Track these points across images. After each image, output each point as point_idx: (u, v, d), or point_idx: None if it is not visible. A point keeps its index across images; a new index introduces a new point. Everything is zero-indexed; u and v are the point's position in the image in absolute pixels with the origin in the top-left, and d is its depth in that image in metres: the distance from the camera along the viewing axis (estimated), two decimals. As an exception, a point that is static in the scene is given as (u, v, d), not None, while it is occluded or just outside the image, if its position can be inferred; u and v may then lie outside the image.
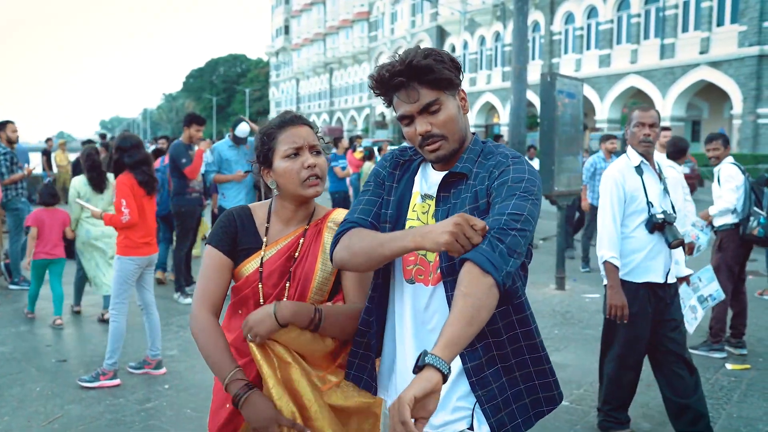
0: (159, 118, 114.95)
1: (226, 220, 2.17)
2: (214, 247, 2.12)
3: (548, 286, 8.50)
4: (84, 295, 7.34)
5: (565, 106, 8.16)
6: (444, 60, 1.86)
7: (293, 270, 2.09)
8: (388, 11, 55.63)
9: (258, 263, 2.10)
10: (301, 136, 2.10)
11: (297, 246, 2.11)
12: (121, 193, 5.09)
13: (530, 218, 1.72)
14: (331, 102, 67.12)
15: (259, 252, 2.11)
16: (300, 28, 74.04)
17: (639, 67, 32.47)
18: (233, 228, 2.14)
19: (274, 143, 2.11)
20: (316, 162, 2.09)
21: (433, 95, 1.85)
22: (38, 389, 4.93)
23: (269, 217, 2.18)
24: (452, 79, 1.87)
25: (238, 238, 2.13)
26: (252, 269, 2.10)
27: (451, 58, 1.89)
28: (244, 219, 2.17)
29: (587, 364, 5.56)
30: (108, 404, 4.65)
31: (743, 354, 5.82)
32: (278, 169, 2.10)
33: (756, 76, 26.92)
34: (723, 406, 4.70)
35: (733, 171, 5.94)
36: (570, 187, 8.40)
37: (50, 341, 6.15)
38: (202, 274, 2.12)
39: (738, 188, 5.87)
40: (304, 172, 2.07)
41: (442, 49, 1.90)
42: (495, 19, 42.02)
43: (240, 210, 2.20)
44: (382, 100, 1.93)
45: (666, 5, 31.07)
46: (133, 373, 5.27)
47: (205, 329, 2.05)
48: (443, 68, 1.84)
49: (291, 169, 2.07)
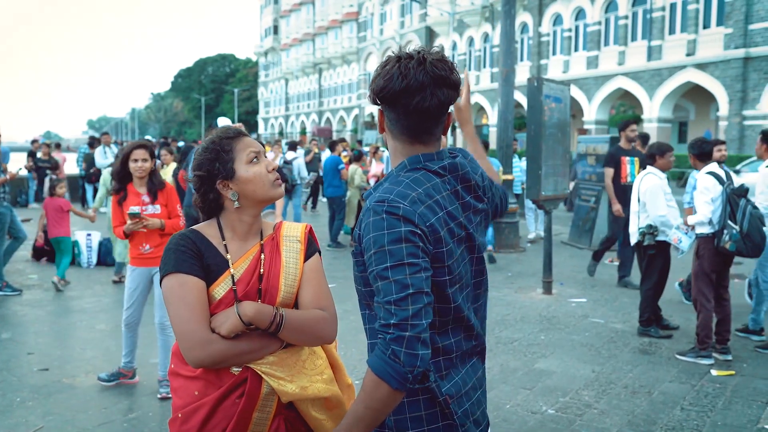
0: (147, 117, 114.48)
1: (185, 242, 2.02)
2: (187, 273, 1.96)
3: (535, 290, 8.50)
4: (70, 301, 7.27)
5: (552, 110, 8.17)
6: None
7: (262, 288, 2.06)
8: (377, 12, 55.59)
9: (230, 283, 2.01)
10: (253, 144, 2.15)
11: (259, 260, 2.09)
12: (177, 199, 5.12)
13: (403, 291, 1.65)
14: (320, 102, 67.01)
15: (228, 271, 2.03)
16: (289, 28, 73.88)
17: (626, 68, 32.59)
18: (196, 250, 2.02)
19: (232, 154, 2.09)
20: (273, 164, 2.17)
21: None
22: (19, 399, 4.87)
23: (223, 235, 2.10)
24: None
25: (205, 260, 2.01)
26: (224, 290, 2.00)
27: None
28: (201, 239, 2.06)
29: (573, 371, 5.56)
30: (91, 414, 4.60)
31: (728, 360, 5.83)
32: (245, 175, 2.07)
33: (742, 78, 27.10)
34: (708, 413, 4.71)
35: (710, 182, 5.89)
36: (557, 191, 8.40)
37: (32, 349, 6.07)
38: (189, 306, 1.93)
39: (714, 200, 5.86)
40: (271, 174, 2.12)
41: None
42: (484, 20, 42.08)
43: (190, 232, 2.08)
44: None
45: (653, 7, 31.21)
46: (104, 384, 5.16)
47: (226, 344, 1.95)
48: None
49: (260, 172, 2.09)
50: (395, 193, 1.75)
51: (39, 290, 8.41)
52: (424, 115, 1.81)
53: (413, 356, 1.60)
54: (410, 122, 1.83)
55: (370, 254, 1.71)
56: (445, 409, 1.80)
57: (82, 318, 7.10)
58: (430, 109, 1.79)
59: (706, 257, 5.95)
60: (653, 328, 6.57)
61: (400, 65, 1.78)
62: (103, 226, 13.87)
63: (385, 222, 1.70)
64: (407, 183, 1.79)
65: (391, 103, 1.83)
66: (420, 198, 1.75)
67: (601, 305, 7.81)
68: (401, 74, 1.77)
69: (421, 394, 1.79)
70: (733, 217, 5.68)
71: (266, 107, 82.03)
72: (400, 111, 1.83)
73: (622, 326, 6.92)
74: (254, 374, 1.98)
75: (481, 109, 44.12)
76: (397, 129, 1.88)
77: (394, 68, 1.79)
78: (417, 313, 1.62)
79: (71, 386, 5.14)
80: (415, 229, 1.69)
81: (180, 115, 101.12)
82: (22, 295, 8.10)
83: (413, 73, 1.76)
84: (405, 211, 1.70)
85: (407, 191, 1.76)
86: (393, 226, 1.69)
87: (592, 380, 5.36)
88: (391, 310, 1.63)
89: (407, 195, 1.74)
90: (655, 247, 6.50)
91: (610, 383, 5.30)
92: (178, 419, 2.00)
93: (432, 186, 1.81)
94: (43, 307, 7.57)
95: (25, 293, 8.19)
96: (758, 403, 4.90)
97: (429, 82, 1.76)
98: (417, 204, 1.73)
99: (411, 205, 1.72)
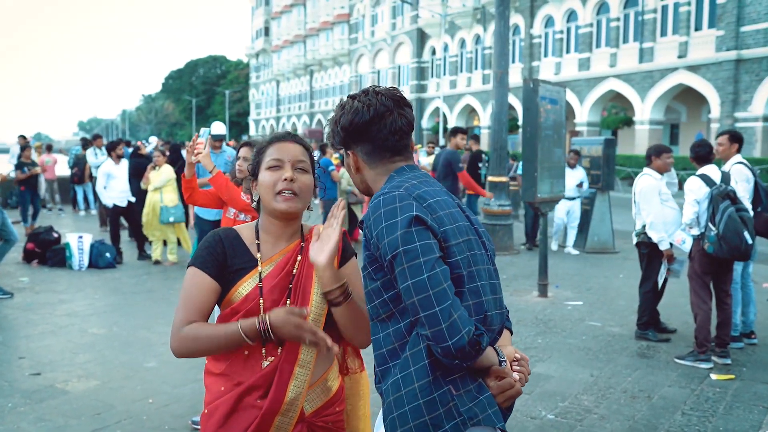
0: (138, 119, 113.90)
1: (211, 241, 2.10)
2: (199, 268, 2.05)
3: (531, 293, 8.46)
4: (61, 304, 7.17)
5: (548, 112, 8.12)
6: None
7: (293, 286, 2.07)
8: (369, 13, 55.51)
9: (257, 280, 2.05)
10: (286, 151, 2.12)
11: (294, 262, 2.10)
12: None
13: (431, 291, 1.70)
14: (312, 104, 66.86)
15: (256, 269, 2.07)
16: (280, 29, 73.70)
17: (618, 70, 32.64)
18: (220, 250, 2.08)
19: (263, 156, 2.14)
20: (296, 178, 2.09)
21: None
22: (10, 405, 4.78)
23: (258, 235, 2.14)
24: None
25: (228, 260, 2.08)
26: (250, 287, 2.05)
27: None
28: (232, 240, 2.12)
29: (571, 375, 5.51)
30: (84, 420, 4.52)
31: (727, 364, 5.80)
32: (260, 180, 2.12)
33: (733, 80, 27.16)
34: (709, 419, 4.67)
35: (695, 185, 5.90)
36: (553, 193, 8.36)
37: (24, 353, 5.98)
38: (184, 295, 2.04)
39: (698, 202, 5.85)
40: (280, 185, 2.07)
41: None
42: (475, 22, 42.10)
43: (226, 231, 2.16)
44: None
45: (645, 9, 31.28)
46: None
47: (188, 330, 1.98)
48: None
49: (268, 180, 2.09)
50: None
51: (30, 293, 8.30)
52: (398, 133, 1.93)
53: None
54: (388, 144, 1.94)
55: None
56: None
57: (74, 321, 7.01)
58: (402, 128, 1.93)
59: (697, 259, 5.95)
60: (651, 332, 6.54)
61: (359, 100, 1.92)
62: (94, 228, 13.80)
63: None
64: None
65: (363, 134, 1.93)
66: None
67: (597, 308, 7.77)
68: (365, 105, 1.91)
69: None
70: (713, 219, 5.67)
71: (257, 109, 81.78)
72: (374, 137, 1.93)
73: (619, 330, 6.88)
74: (281, 378, 2.00)
75: (472, 110, 44.13)
76: (376, 155, 1.97)
77: (356, 103, 1.92)
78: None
79: (64, 391, 5.05)
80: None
81: (171, 116, 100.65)
82: (12, 297, 7.99)
83: (375, 101, 1.90)
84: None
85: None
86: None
87: (591, 384, 5.32)
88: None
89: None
90: (649, 247, 6.50)
91: (609, 388, 5.25)
92: (205, 415, 2.07)
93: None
94: (35, 310, 7.47)
95: (15, 296, 8.08)
96: (759, 408, 4.86)
97: (392, 105, 1.91)
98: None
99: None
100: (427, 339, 1.69)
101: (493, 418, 1.76)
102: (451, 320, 1.65)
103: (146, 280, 9.29)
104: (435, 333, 1.65)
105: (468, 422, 1.73)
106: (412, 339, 1.77)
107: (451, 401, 1.73)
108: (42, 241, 10.29)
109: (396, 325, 1.80)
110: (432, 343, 1.68)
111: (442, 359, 1.69)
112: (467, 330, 1.66)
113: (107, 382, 5.26)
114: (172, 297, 8.19)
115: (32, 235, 10.45)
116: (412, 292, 1.68)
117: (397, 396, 1.76)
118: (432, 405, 1.72)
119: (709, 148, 6.14)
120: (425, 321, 1.67)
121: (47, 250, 10.21)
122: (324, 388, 2.10)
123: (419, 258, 1.69)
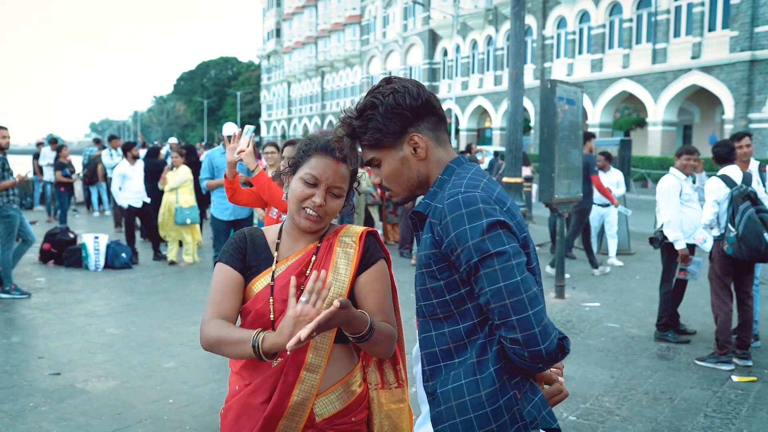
0: (149, 120, 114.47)
1: (237, 238, 2.14)
2: (225, 263, 2.07)
3: (547, 294, 8.41)
4: (78, 305, 7.18)
5: (565, 112, 8.08)
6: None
7: (305, 287, 1.96)
8: (380, 15, 55.53)
9: (269, 279, 2.03)
10: (327, 171, 2.04)
11: (309, 262, 2.06)
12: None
13: (524, 294, 1.63)
14: (323, 105, 66.92)
15: (270, 268, 2.06)
16: (291, 31, 73.82)
17: (631, 71, 32.48)
18: (243, 246, 2.11)
19: (305, 159, 2.08)
20: (326, 203, 2.04)
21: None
22: (31, 404, 4.79)
23: (280, 234, 2.14)
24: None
25: (248, 257, 2.09)
26: (262, 286, 2.03)
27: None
28: (255, 238, 2.13)
29: (591, 376, 5.48)
30: (105, 420, 4.52)
31: (748, 365, 5.75)
32: (292, 184, 2.09)
33: (747, 81, 26.98)
34: (732, 421, 4.62)
35: (715, 185, 5.86)
36: (570, 194, 8.32)
37: (42, 353, 6.00)
38: (212, 290, 2.05)
39: (718, 203, 5.81)
40: (307, 203, 2.03)
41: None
42: (487, 23, 42.01)
43: (252, 230, 2.19)
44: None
45: (658, 10, 31.12)
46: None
47: (210, 329, 1.94)
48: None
49: (299, 193, 2.05)
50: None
51: (47, 293, 8.34)
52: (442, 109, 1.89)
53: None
54: (444, 116, 1.88)
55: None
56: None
57: (91, 321, 7.03)
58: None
59: (716, 260, 5.91)
60: (671, 333, 6.49)
61: (400, 83, 1.82)
62: (108, 229, 13.86)
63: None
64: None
65: (429, 107, 1.83)
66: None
67: (615, 309, 7.72)
68: (413, 83, 1.82)
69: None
70: (733, 219, 5.63)
71: (268, 110, 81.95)
72: (438, 110, 1.85)
73: (637, 331, 6.84)
74: (285, 380, 1.95)
75: (484, 112, 44.04)
76: (440, 129, 1.88)
77: (405, 84, 1.81)
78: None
79: (84, 391, 5.06)
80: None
81: (182, 118, 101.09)
82: (30, 298, 8.03)
83: (411, 80, 1.85)
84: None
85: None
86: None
87: (612, 386, 5.28)
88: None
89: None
90: (665, 247, 6.47)
91: (630, 389, 5.21)
92: (221, 414, 2.08)
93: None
94: (52, 310, 7.50)
95: (33, 296, 8.12)
96: (783, 410, 4.81)
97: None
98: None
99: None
100: (513, 343, 1.62)
101: (548, 419, 1.75)
102: (544, 324, 1.61)
103: (162, 280, 9.31)
104: (527, 337, 1.59)
105: (529, 426, 1.71)
106: (478, 347, 1.71)
107: (515, 406, 1.71)
108: (58, 241, 10.34)
109: (454, 326, 1.74)
110: (516, 347, 1.61)
111: (524, 363, 1.63)
112: (555, 334, 1.63)
113: (126, 382, 5.26)
114: (187, 297, 8.21)
115: (48, 236, 10.49)
116: (504, 295, 1.61)
117: (460, 403, 1.70)
118: (499, 412, 1.68)
119: (729, 147, 6.09)
120: (517, 324, 1.60)
121: (63, 250, 10.26)
122: (343, 392, 2.03)
123: (511, 260, 1.63)
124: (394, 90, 1.79)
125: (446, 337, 1.75)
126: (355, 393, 2.06)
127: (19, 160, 22.42)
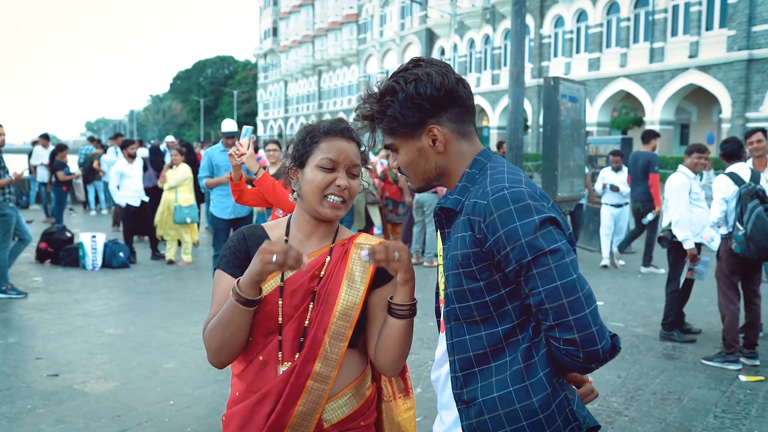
0: (145, 119, 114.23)
1: (236, 240, 1.99)
2: (223, 270, 1.95)
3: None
4: (76, 304, 7.11)
5: (568, 110, 8.01)
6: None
7: (318, 290, 1.90)
8: (377, 14, 55.48)
9: (278, 281, 1.89)
10: (344, 152, 1.94)
11: (322, 265, 1.93)
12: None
13: (581, 293, 1.55)
14: (320, 104, 66.86)
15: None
16: (288, 30, 73.74)
17: (628, 70, 32.50)
18: (244, 249, 1.96)
19: (314, 147, 1.95)
20: (348, 185, 1.93)
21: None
22: (29, 406, 4.70)
23: (288, 230, 2.01)
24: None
25: (251, 258, 1.93)
26: (272, 288, 1.88)
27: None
28: (257, 238, 1.97)
29: (598, 376, 5.40)
30: (104, 422, 4.44)
31: (756, 365, 5.69)
32: (307, 175, 1.94)
33: (745, 81, 27.00)
34: (742, 421, 4.56)
35: (723, 183, 5.79)
36: (573, 192, 8.24)
37: (40, 354, 5.90)
38: (213, 300, 1.94)
39: (726, 201, 5.74)
40: (331, 189, 1.91)
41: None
42: (484, 22, 41.99)
43: (251, 229, 2.03)
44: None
45: (655, 9, 31.13)
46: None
47: (208, 328, 1.87)
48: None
49: (319, 181, 1.91)
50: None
51: (44, 293, 8.24)
52: (472, 96, 1.78)
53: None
54: (471, 106, 1.77)
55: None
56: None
57: (89, 322, 6.94)
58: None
59: (724, 259, 5.85)
60: (676, 332, 6.43)
61: (425, 68, 1.70)
62: (105, 228, 13.75)
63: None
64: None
65: (453, 97, 1.71)
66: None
67: (619, 309, 7.66)
68: (441, 67, 1.71)
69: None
70: (741, 218, 5.56)
71: (265, 109, 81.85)
72: (463, 99, 1.73)
73: (642, 330, 6.77)
74: (291, 390, 1.85)
75: (481, 111, 44.02)
76: (465, 120, 1.76)
77: (427, 70, 1.69)
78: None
79: (83, 392, 4.97)
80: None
81: (179, 117, 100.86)
82: (27, 297, 7.93)
83: (439, 64, 1.74)
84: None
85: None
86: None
87: (619, 386, 5.21)
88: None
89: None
90: (674, 245, 6.41)
91: (637, 389, 5.15)
92: (223, 420, 1.97)
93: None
94: (49, 310, 7.40)
95: (30, 296, 8.02)
96: (793, 410, 4.75)
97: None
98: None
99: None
100: (568, 344, 1.53)
101: (593, 417, 1.70)
102: (600, 323, 1.54)
103: (160, 280, 9.22)
104: (584, 337, 1.51)
105: (582, 425, 1.64)
106: (522, 351, 1.62)
107: (567, 407, 1.63)
108: (55, 240, 10.24)
109: (492, 329, 1.65)
110: (571, 348, 1.53)
111: (576, 363, 1.55)
112: (608, 333, 1.57)
113: (126, 384, 5.17)
114: (187, 297, 8.12)
115: (45, 235, 10.39)
116: (561, 294, 1.52)
117: (510, 411, 1.61)
118: (552, 417, 1.60)
119: (738, 144, 6.03)
120: (574, 324, 1.51)
121: (60, 249, 10.16)
122: (353, 396, 1.94)
123: (565, 258, 1.54)
124: (417, 78, 1.68)
125: (483, 340, 1.66)
126: (364, 396, 1.97)
127: (14, 160, 22.32)
